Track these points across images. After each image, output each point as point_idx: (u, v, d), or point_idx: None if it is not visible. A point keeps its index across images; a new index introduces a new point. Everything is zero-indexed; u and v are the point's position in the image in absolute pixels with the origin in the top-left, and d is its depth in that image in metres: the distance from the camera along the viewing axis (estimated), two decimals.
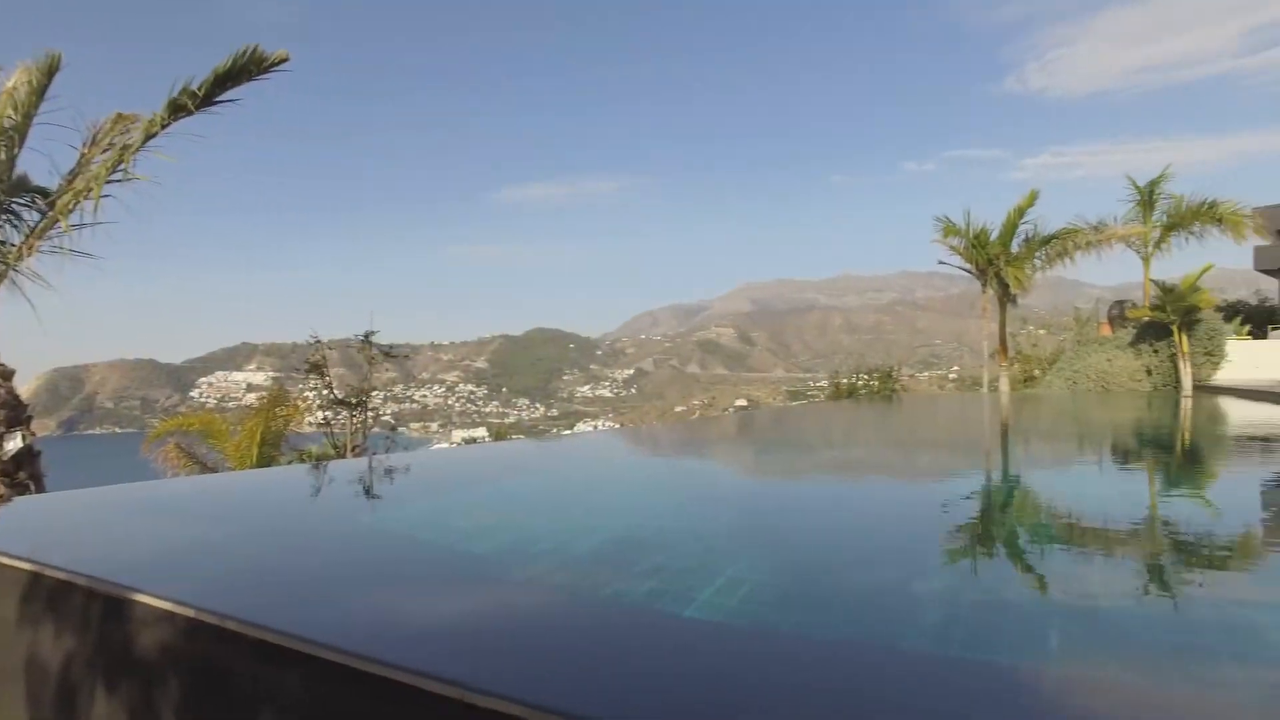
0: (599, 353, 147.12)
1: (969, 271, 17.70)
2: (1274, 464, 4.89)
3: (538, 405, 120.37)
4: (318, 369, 12.38)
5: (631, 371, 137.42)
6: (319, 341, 12.60)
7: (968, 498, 3.64)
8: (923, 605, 1.87)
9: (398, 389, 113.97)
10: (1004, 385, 17.16)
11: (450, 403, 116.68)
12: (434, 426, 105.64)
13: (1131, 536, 2.74)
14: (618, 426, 62.60)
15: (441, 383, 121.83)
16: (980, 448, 6.47)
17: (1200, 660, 1.53)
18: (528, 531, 2.91)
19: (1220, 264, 16.47)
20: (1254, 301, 30.64)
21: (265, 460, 11.14)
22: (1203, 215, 15.56)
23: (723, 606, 1.83)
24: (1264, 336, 20.37)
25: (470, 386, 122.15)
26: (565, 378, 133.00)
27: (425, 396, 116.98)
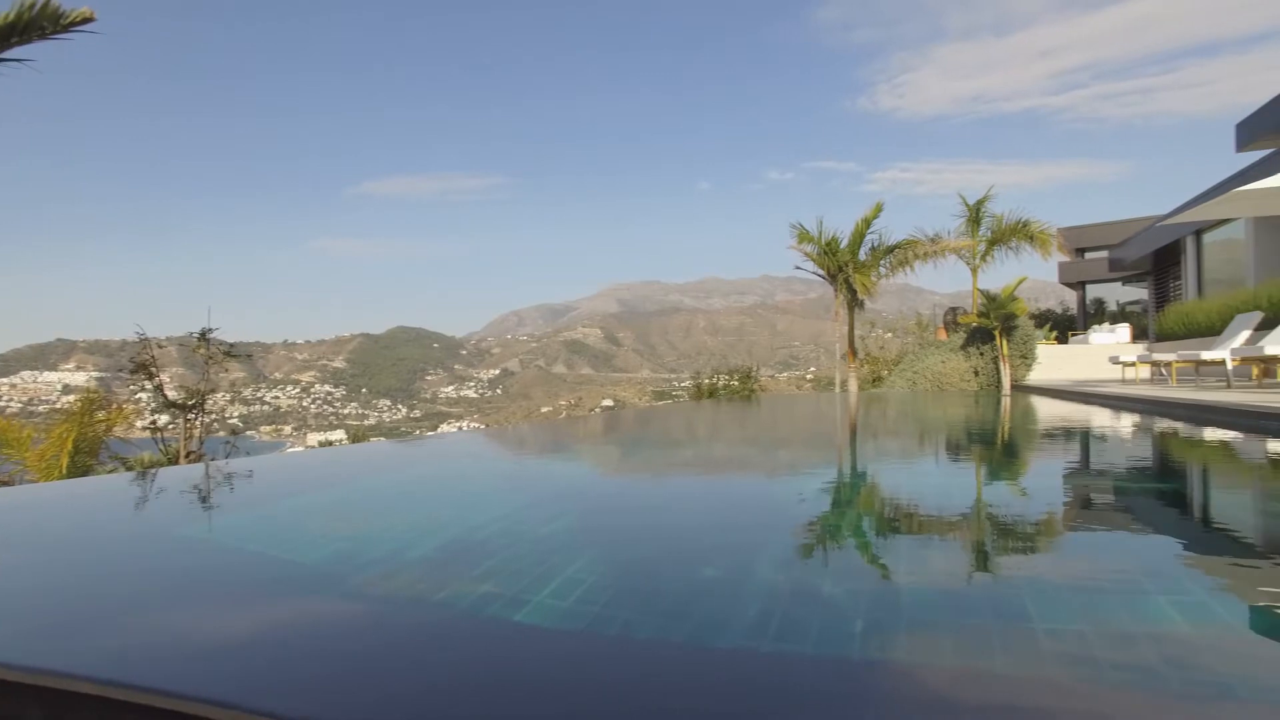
0: (464, 353, 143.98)
1: (822, 276, 18.60)
2: (1073, 452, 5.41)
3: (400, 406, 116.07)
4: (144, 368, 11.26)
5: (497, 372, 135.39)
6: (146, 338, 11.46)
7: (812, 491, 3.75)
8: (762, 599, 1.90)
9: (247, 391, 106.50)
10: (852, 385, 18.14)
11: (306, 404, 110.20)
12: (287, 430, 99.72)
13: (958, 521, 2.93)
14: (482, 427, 61.47)
15: (296, 383, 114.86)
16: (825, 444, 6.74)
17: (1015, 635, 1.60)
18: (365, 538, 2.71)
19: (1036, 276, 18.22)
20: (1060, 311, 34.26)
21: (80, 470, 10.00)
22: (1018, 233, 17.14)
23: (555, 609, 1.79)
24: (1066, 341, 22.72)
25: (328, 387, 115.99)
26: (429, 378, 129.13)
27: (278, 398, 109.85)
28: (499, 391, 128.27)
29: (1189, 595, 1.89)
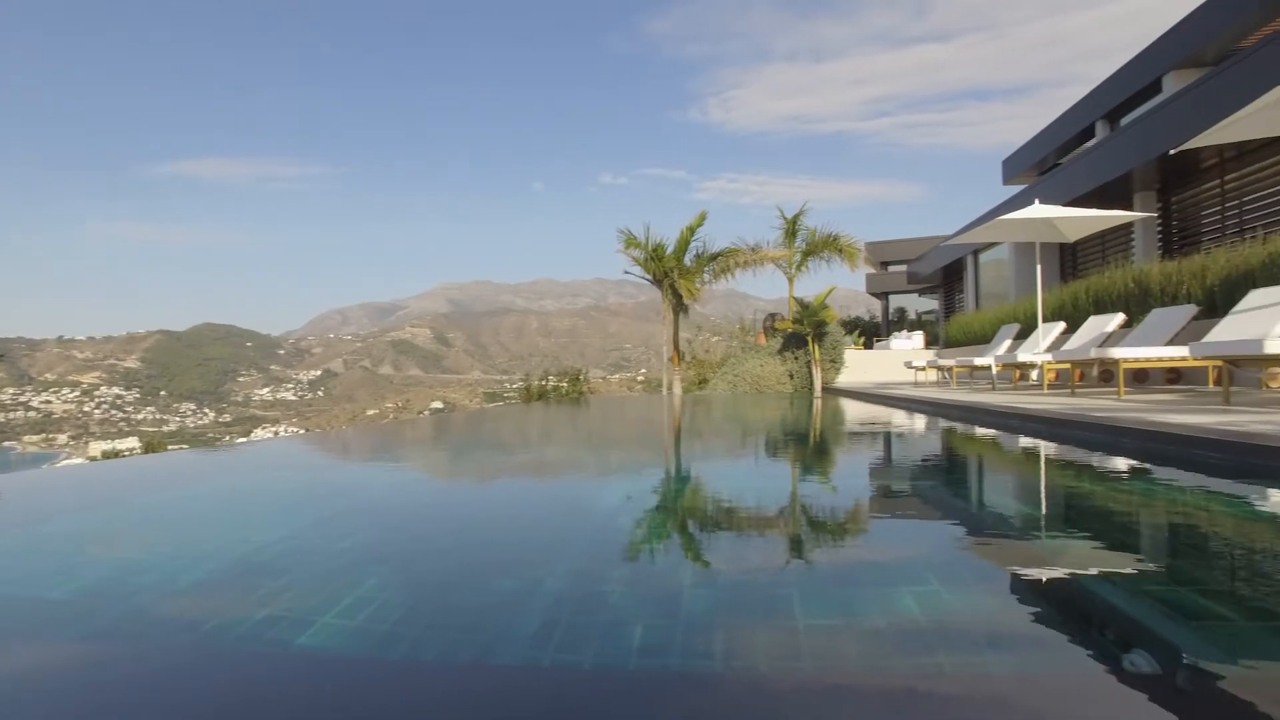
0: (281, 352, 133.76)
1: (650, 281, 19.14)
2: (876, 450, 5.97)
3: (206, 410, 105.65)
4: None
5: (319, 373, 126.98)
6: None
7: (618, 496, 3.84)
8: (556, 611, 1.89)
9: (6, 394, 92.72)
10: (677, 388, 18.80)
11: (88, 409, 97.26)
12: (62, 439, 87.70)
13: (773, 517, 3.11)
14: (301, 432, 57.37)
15: (75, 385, 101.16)
16: (646, 446, 6.94)
17: (828, 622, 1.75)
18: (133, 564, 2.46)
19: (848, 286, 19.79)
20: (867, 318, 37.39)
21: None
22: (829, 245, 18.60)
23: (342, 630, 1.72)
24: (871, 346, 24.85)
25: (117, 390, 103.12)
26: (241, 379, 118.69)
27: (50, 403, 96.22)
28: (321, 394, 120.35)
29: (956, 575, 2.18)
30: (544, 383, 24.45)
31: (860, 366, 20.14)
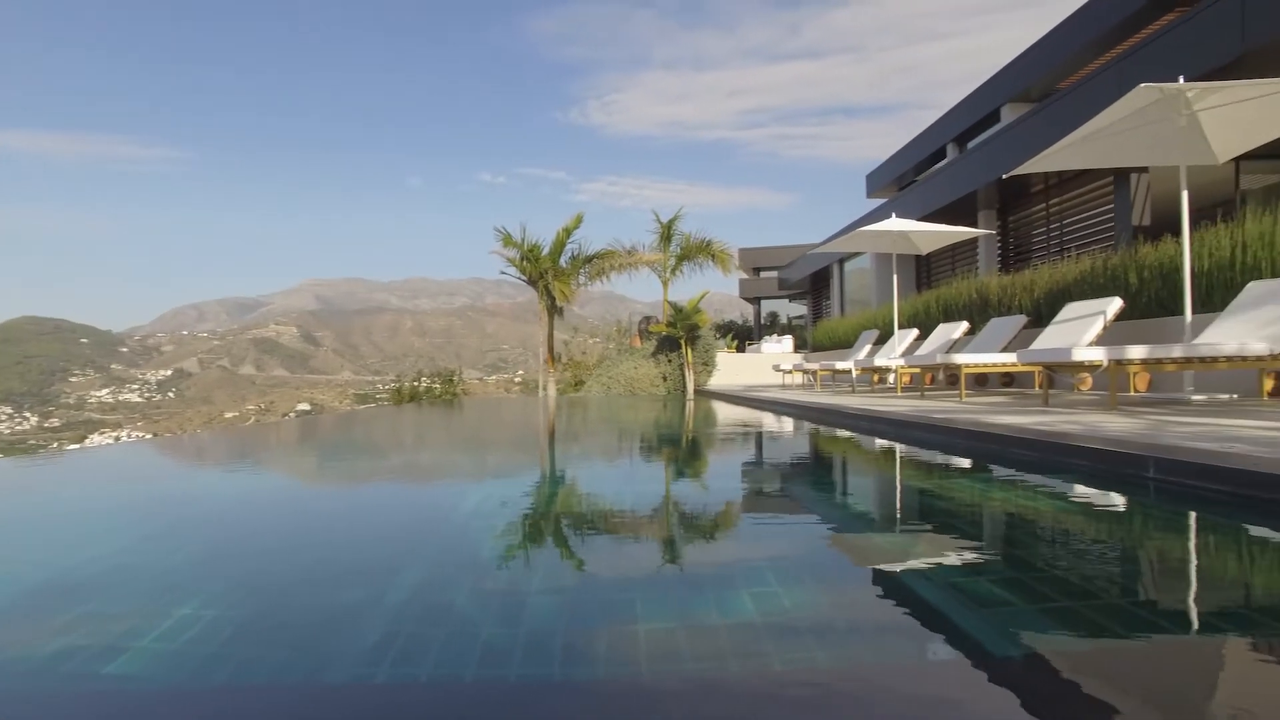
0: (124, 350, 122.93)
1: (526, 281, 18.91)
2: (747, 451, 6.13)
3: (28, 414, 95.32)
4: None
5: (169, 372, 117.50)
6: None
7: (485, 499, 3.75)
8: (397, 623, 1.81)
9: None
10: (551, 390, 18.67)
11: None
12: None
13: (647, 518, 3.12)
14: (148, 437, 52.90)
15: None
16: (509, 449, 6.82)
17: (701, 622, 1.77)
18: None
19: (723, 291, 20.34)
20: (740, 322, 38.56)
21: None
22: (703, 251, 19.02)
23: (157, 655, 1.58)
24: (743, 350, 25.62)
25: None
26: (74, 379, 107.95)
27: None
28: (172, 395, 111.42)
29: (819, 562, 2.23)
30: (417, 384, 23.70)
31: (732, 369, 20.71)
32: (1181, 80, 6.11)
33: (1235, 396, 6.65)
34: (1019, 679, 1.42)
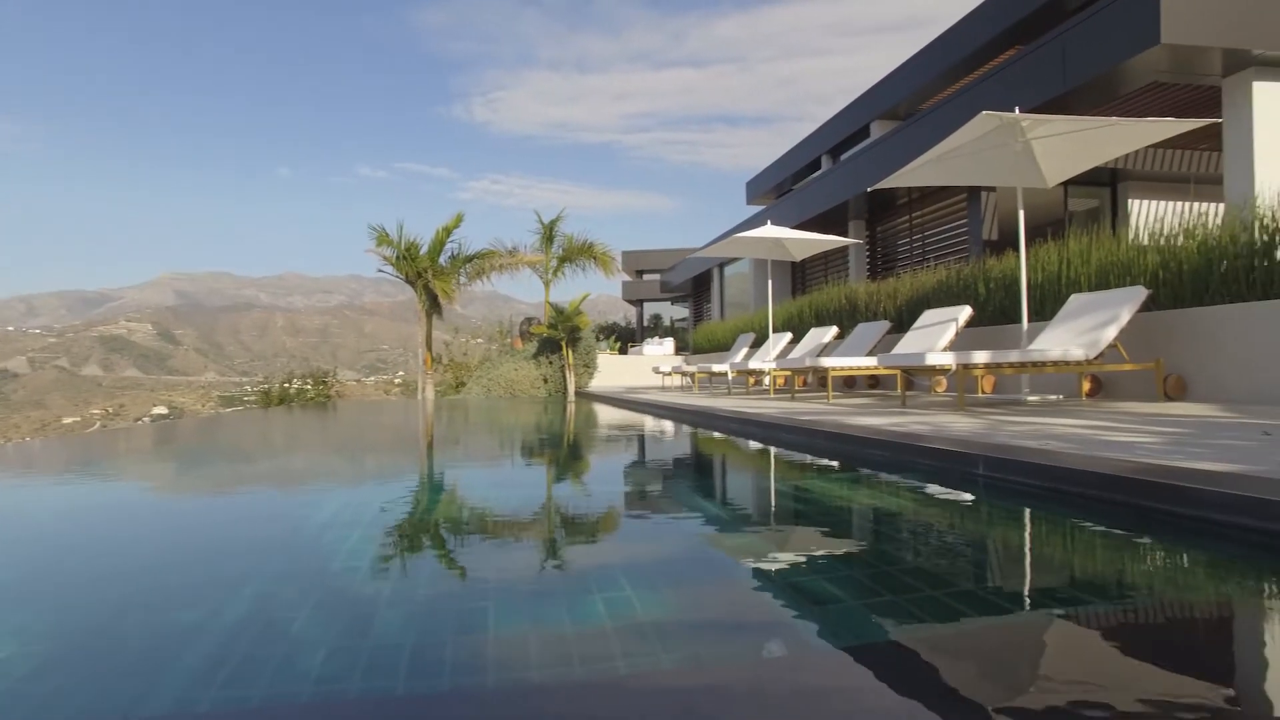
0: None
1: (405, 280, 18.31)
2: (629, 452, 6.19)
3: None
4: None
5: None
6: None
7: (353, 506, 3.58)
8: (245, 641, 1.72)
9: None
10: (429, 392, 18.17)
11: None
12: None
13: (527, 522, 3.11)
14: None
15: None
16: (381, 453, 6.58)
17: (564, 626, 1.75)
18: None
19: (608, 293, 20.39)
20: (623, 324, 38.87)
21: None
22: (585, 252, 19.05)
23: None
24: (626, 352, 25.84)
25: None
26: None
27: None
28: None
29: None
30: (288, 386, 22.47)
31: (614, 371, 20.84)
32: (1017, 110, 6.65)
33: (1061, 397, 7.29)
34: (857, 667, 1.49)
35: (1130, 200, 12.13)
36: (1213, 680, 1.40)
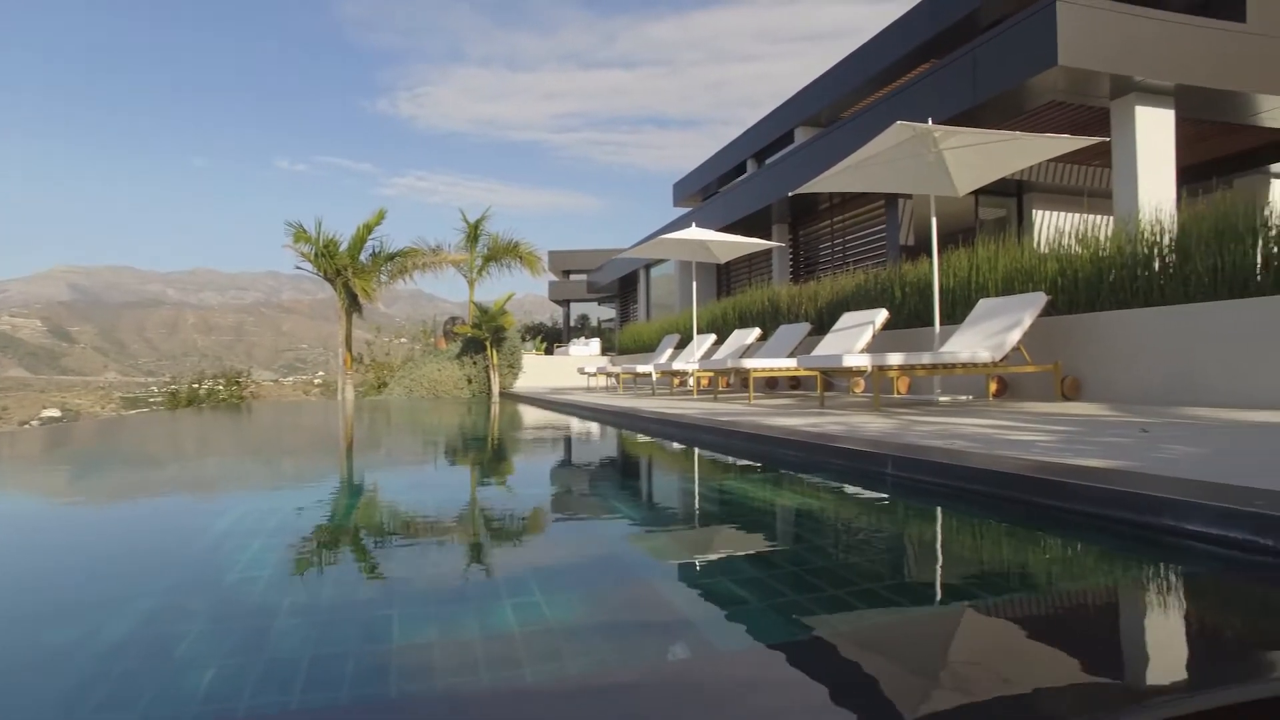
0: None
1: (324, 278, 17.72)
2: (547, 454, 6.16)
3: None
4: None
5: None
6: None
7: (253, 513, 3.44)
8: (125, 660, 1.63)
9: None
10: (349, 393, 17.65)
11: None
12: None
13: (437, 527, 3.04)
14: None
15: None
16: (297, 455, 6.37)
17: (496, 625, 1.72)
18: None
19: (535, 293, 20.17)
20: (550, 324, 38.66)
21: None
22: (510, 252, 18.81)
23: None
24: (552, 352, 25.70)
25: None
26: None
27: None
28: None
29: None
30: (197, 386, 21.46)
31: (539, 372, 20.68)
32: (930, 122, 6.92)
33: (971, 398, 7.62)
34: (760, 666, 1.51)
35: (1034, 210, 12.77)
36: (1093, 659, 1.49)
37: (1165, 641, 1.64)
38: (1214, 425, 4.40)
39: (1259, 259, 6.03)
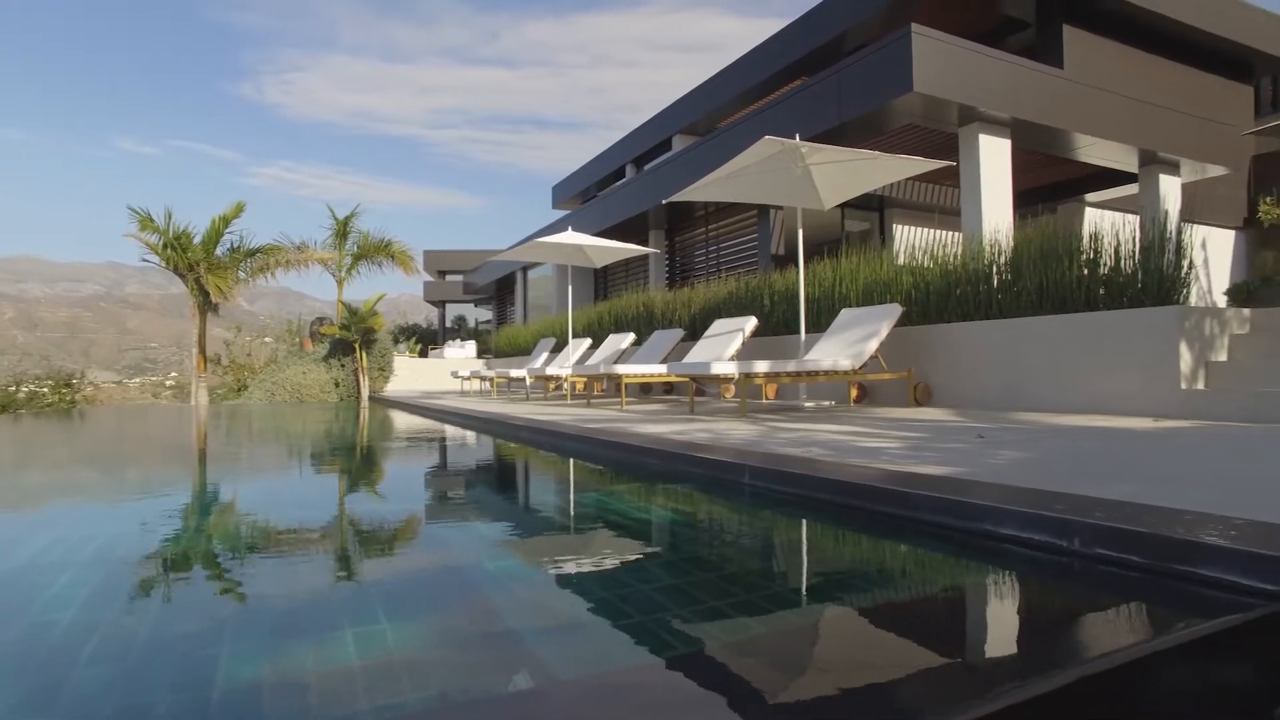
0: None
1: (174, 272, 16.40)
2: (416, 463, 5.97)
3: None
4: None
5: None
6: None
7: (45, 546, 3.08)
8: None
9: None
10: (202, 397, 16.43)
11: None
12: None
13: (319, 534, 2.94)
14: None
15: None
16: (127, 469, 5.81)
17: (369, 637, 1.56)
18: None
19: (410, 293, 19.45)
20: (425, 326, 37.51)
21: None
22: (382, 250, 18.09)
23: None
24: (427, 354, 24.93)
25: None
26: None
27: None
28: None
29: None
30: (14, 389, 19.30)
31: (413, 375, 20.00)
32: (797, 137, 7.18)
33: (834, 403, 7.97)
34: (627, 682, 1.47)
35: (895, 225, 13.56)
36: (917, 658, 1.55)
37: (983, 641, 1.74)
38: (1040, 430, 4.78)
39: (1074, 278, 6.65)
